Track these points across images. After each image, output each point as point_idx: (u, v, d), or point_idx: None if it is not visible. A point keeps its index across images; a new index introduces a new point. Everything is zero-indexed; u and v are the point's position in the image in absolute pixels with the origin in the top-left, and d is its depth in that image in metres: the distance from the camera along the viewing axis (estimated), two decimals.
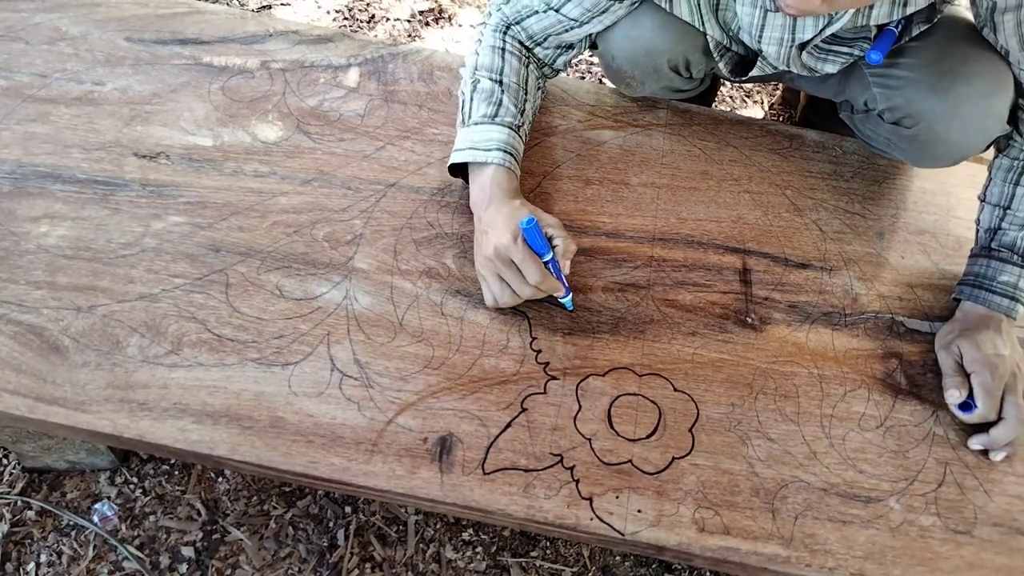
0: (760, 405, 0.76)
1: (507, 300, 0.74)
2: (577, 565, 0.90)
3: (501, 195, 0.77)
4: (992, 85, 0.76)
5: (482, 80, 0.82)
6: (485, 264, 0.75)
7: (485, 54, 0.84)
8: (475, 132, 0.80)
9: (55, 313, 0.75)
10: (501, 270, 0.73)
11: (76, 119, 0.90)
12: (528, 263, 0.71)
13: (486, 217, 0.76)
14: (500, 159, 0.78)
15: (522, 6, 0.83)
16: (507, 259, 0.72)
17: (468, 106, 0.82)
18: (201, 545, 0.88)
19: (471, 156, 0.79)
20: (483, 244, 0.75)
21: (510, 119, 0.81)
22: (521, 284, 0.73)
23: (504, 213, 0.74)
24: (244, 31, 1.02)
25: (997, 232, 0.81)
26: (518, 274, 0.73)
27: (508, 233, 0.72)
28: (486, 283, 0.76)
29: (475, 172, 0.80)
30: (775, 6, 0.75)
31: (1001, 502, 0.72)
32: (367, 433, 0.71)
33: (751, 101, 1.44)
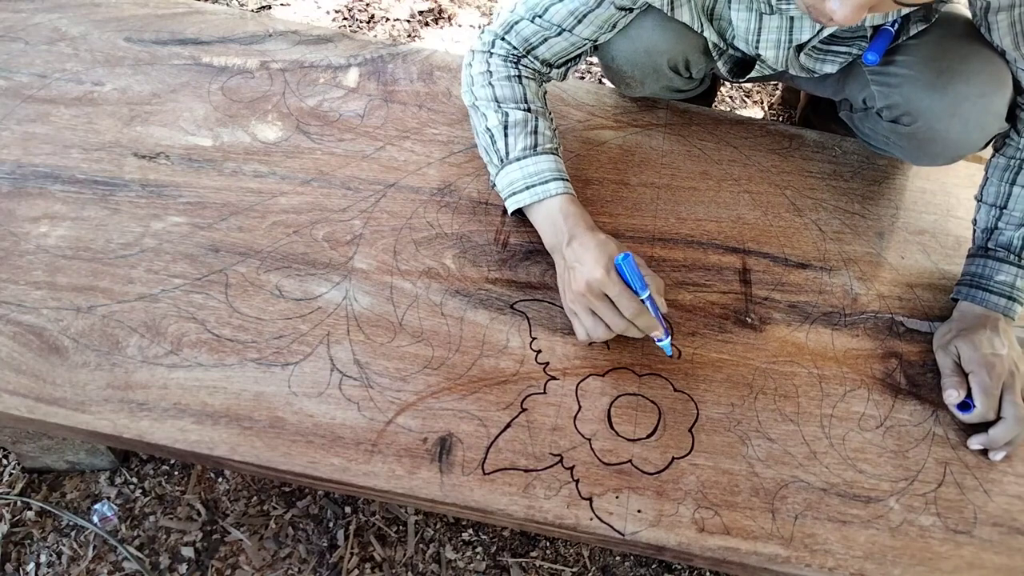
0: (760, 405, 0.76)
1: (601, 335, 0.72)
2: (577, 565, 0.90)
3: (580, 228, 0.75)
4: (991, 83, 0.76)
5: (511, 112, 0.80)
6: (577, 299, 0.72)
7: (502, 86, 0.82)
8: (523, 168, 0.78)
9: (55, 313, 0.75)
10: (594, 305, 0.71)
11: (76, 119, 0.90)
12: (623, 297, 0.69)
13: (570, 253, 0.74)
14: (562, 188, 0.77)
15: (530, 33, 0.82)
16: (600, 293, 0.70)
17: (504, 143, 0.79)
18: (201, 545, 0.88)
19: (533, 195, 0.77)
20: (572, 280, 0.73)
21: (550, 145, 0.80)
22: (616, 318, 0.70)
23: (591, 247, 0.72)
24: (244, 31, 1.02)
25: (994, 232, 0.81)
26: (612, 308, 0.70)
27: (600, 267, 0.70)
28: (577, 318, 0.74)
29: (537, 208, 0.78)
30: (782, 8, 0.75)
31: (1001, 502, 0.72)
32: (367, 433, 0.71)
33: (751, 101, 1.44)
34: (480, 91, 0.83)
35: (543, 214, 0.78)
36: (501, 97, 0.81)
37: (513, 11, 0.82)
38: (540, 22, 0.81)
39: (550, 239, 0.78)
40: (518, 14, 0.82)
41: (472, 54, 0.86)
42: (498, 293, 0.81)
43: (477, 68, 0.84)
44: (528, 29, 0.82)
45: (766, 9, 0.76)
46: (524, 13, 0.81)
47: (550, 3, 0.79)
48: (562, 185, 0.77)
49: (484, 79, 0.83)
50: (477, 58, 0.85)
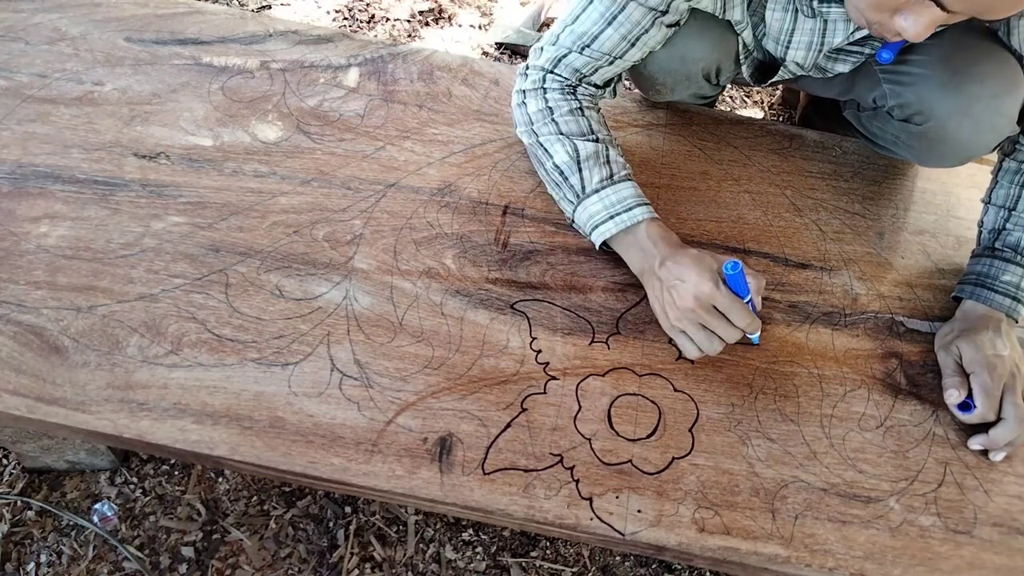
0: (760, 405, 0.76)
1: (716, 348, 0.71)
2: (577, 565, 0.90)
3: (671, 248, 0.74)
4: (1004, 85, 0.76)
5: (581, 145, 0.78)
6: (684, 316, 0.71)
7: (566, 121, 0.80)
8: (603, 199, 0.76)
9: (55, 313, 0.75)
10: (705, 319, 0.69)
11: (76, 119, 0.90)
12: (735, 307, 0.68)
13: (665, 273, 0.72)
14: (647, 213, 0.76)
15: (581, 65, 0.80)
16: (710, 307, 0.69)
17: (578, 177, 0.78)
18: (201, 545, 0.88)
19: (619, 224, 0.76)
20: (677, 297, 0.71)
21: (625, 172, 0.79)
22: (729, 330, 0.69)
23: (688, 263, 0.71)
24: (244, 31, 1.02)
25: (1001, 232, 0.81)
26: (724, 320, 0.69)
27: (707, 281, 0.68)
28: (685, 336, 0.72)
29: (624, 237, 0.77)
30: (823, 12, 0.74)
31: (1001, 502, 0.72)
32: (367, 433, 0.71)
33: (751, 101, 1.44)
34: (542, 128, 0.80)
35: (629, 241, 0.77)
36: (567, 132, 0.79)
37: (556, 44, 0.80)
38: (589, 52, 0.78)
39: (639, 264, 0.77)
40: (563, 47, 0.79)
41: (522, 94, 0.83)
42: (498, 293, 0.81)
43: (534, 106, 0.82)
44: (578, 61, 0.79)
45: (806, 12, 0.76)
46: (571, 45, 0.79)
47: (597, 31, 0.77)
48: (647, 210, 0.76)
49: (544, 116, 0.80)
50: (531, 96, 0.82)
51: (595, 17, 0.76)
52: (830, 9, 0.74)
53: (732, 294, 0.69)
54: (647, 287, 0.76)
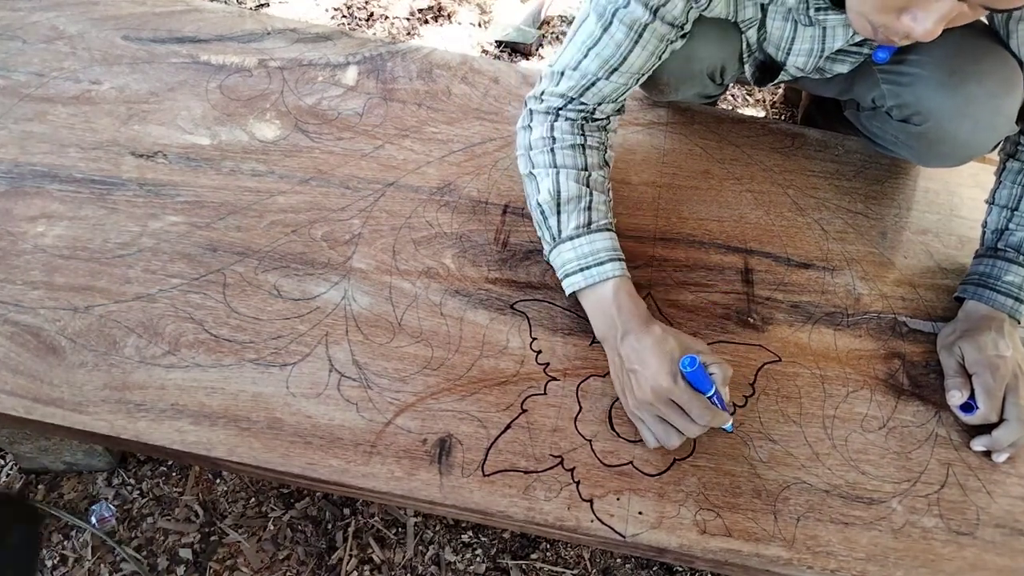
0: (762, 406, 0.76)
1: (674, 443, 0.68)
2: (578, 568, 0.90)
3: (635, 322, 0.70)
4: (1003, 85, 0.75)
5: (565, 185, 0.74)
6: (641, 407, 0.68)
7: (564, 154, 0.76)
8: (576, 248, 0.73)
9: (52, 313, 0.75)
10: (664, 413, 0.66)
11: (73, 118, 0.90)
12: (695, 404, 0.65)
13: (627, 352, 0.69)
14: (618, 270, 0.72)
15: (611, 91, 0.76)
16: (668, 400, 0.66)
17: (555, 219, 0.75)
18: (199, 547, 0.88)
19: (587, 278, 0.72)
20: (635, 386, 0.68)
21: (604, 221, 0.75)
22: (688, 424, 0.66)
23: (650, 347, 0.67)
24: (242, 29, 1.01)
25: (1004, 233, 0.80)
26: (683, 415, 0.66)
27: (665, 374, 0.65)
28: (644, 425, 0.69)
29: (590, 294, 0.73)
30: (821, 20, 0.74)
31: (1004, 503, 0.72)
32: (366, 434, 0.70)
33: (753, 100, 1.44)
34: (539, 157, 0.77)
35: (595, 300, 0.73)
36: (561, 163, 0.76)
37: (579, 70, 0.75)
38: (617, 76, 0.75)
39: (602, 330, 0.73)
40: (590, 74, 0.75)
41: (531, 115, 0.80)
42: (498, 293, 0.81)
43: (538, 132, 0.78)
44: (608, 87, 0.76)
45: (804, 21, 0.75)
46: (597, 71, 0.75)
47: (625, 52, 0.73)
48: (618, 267, 0.72)
49: (545, 144, 0.77)
50: (538, 120, 0.79)
51: (619, 38, 0.72)
52: (827, 17, 0.73)
53: (691, 389, 0.65)
54: (609, 358, 0.73)
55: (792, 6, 0.73)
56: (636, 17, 0.71)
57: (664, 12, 0.71)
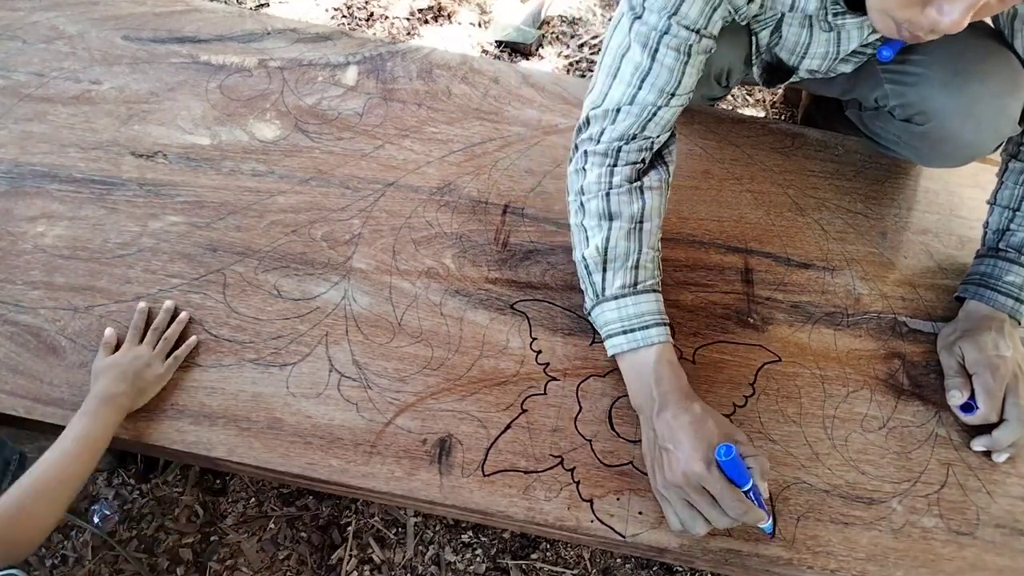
0: (762, 406, 0.76)
1: (700, 530, 0.63)
2: (578, 568, 0.90)
3: (674, 397, 0.66)
4: (1006, 85, 0.75)
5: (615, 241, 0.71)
6: (670, 488, 0.64)
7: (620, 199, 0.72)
8: (621, 309, 0.70)
9: (52, 313, 0.75)
10: (693, 499, 0.62)
11: (73, 118, 0.90)
12: (728, 496, 0.60)
13: (662, 428, 0.65)
14: (662, 336, 0.69)
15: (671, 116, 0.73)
16: (699, 487, 0.61)
17: (600, 277, 0.72)
18: (199, 547, 0.88)
19: (631, 342, 0.69)
20: (666, 465, 0.64)
21: (651, 281, 0.72)
22: (719, 516, 0.61)
23: (686, 426, 0.63)
24: (242, 29, 1.01)
25: (1006, 233, 0.80)
26: (714, 504, 0.61)
27: (700, 459, 0.60)
28: (670, 507, 0.64)
29: (632, 357, 0.70)
30: (840, 24, 0.73)
31: (1004, 503, 0.72)
32: (366, 434, 0.70)
33: (753, 100, 1.44)
34: (592, 204, 0.73)
35: (634, 365, 0.70)
36: (616, 211, 0.72)
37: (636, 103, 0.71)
38: (676, 100, 0.72)
39: (638, 398, 0.69)
40: (650, 104, 0.71)
41: (585, 157, 0.75)
42: (498, 293, 0.81)
43: (593, 175, 0.74)
44: (669, 113, 0.72)
45: (823, 27, 0.75)
46: (657, 100, 0.71)
47: (679, 76, 0.70)
48: (663, 332, 0.69)
49: (600, 188, 0.73)
50: (595, 162, 0.74)
51: (670, 63, 0.69)
52: (845, 21, 0.73)
53: (725, 479, 0.60)
54: (642, 428, 0.69)
55: (812, 12, 0.72)
56: (682, 40, 0.68)
57: (707, 31, 0.70)
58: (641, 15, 0.68)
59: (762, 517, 0.62)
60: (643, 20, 0.68)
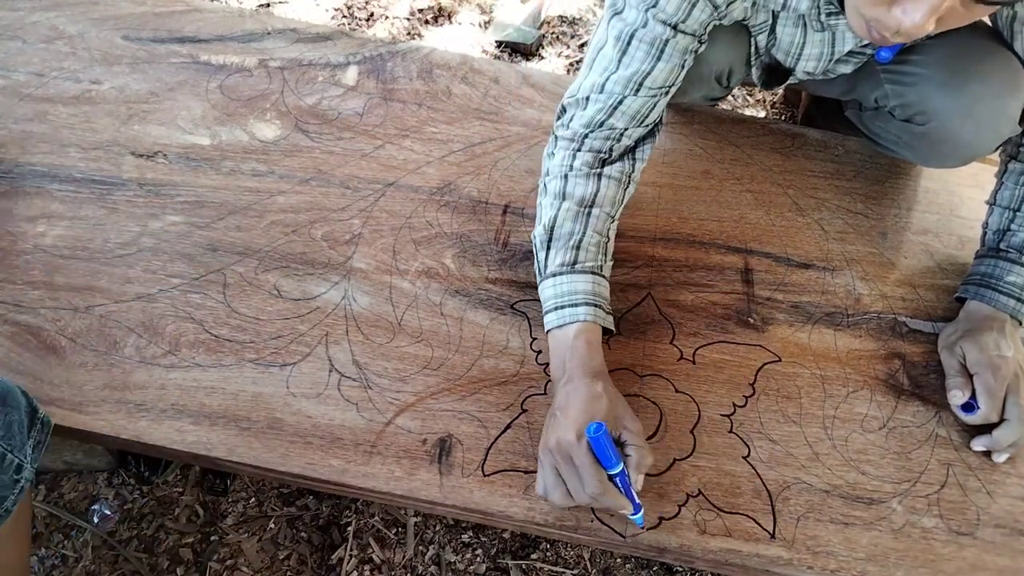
0: (762, 406, 0.76)
1: (558, 499, 0.63)
2: (578, 568, 0.90)
3: (580, 371, 0.67)
4: (1006, 85, 0.75)
5: (561, 220, 0.73)
6: (545, 452, 0.65)
7: (578, 181, 0.74)
8: (557, 286, 0.71)
9: (52, 313, 0.75)
10: (560, 467, 0.63)
11: (73, 118, 0.90)
12: (588, 471, 0.61)
13: (560, 396, 0.66)
14: (589, 314, 0.70)
15: (639, 106, 0.74)
16: (568, 456, 0.62)
17: (545, 253, 0.73)
18: (199, 547, 0.88)
19: (560, 318, 0.70)
20: (549, 428, 0.65)
21: (591, 264, 0.73)
22: (578, 489, 0.62)
23: (579, 399, 0.64)
24: (242, 29, 1.01)
25: (1006, 233, 0.80)
26: (576, 477, 0.62)
27: (574, 429, 0.62)
28: (543, 470, 0.65)
29: (557, 333, 0.71)
30: (833, 25, 0.73)
31: (1004, 503, 0.72)
32: (366, 434, 0.70)
33: (753, 100, 1.44)
34: (552, 184, 0.76)
35: (557, 340, 0.71)
36: (569, 193, 0.74)
37: (604, 91, 0.73)
38: (644, 92, 0.73)
39: (554, 370, 0.70)
40: (616, 93, 0.73)
41: (555, 141, 0.78)
42: (498, 293, 0.81)
43: (558, 158, 0.77)
44: (636, 103, 0.74)
45: (816, 26, 0.75)
46: (624, 90, 0.73)
47: (648, 68, 0.72)
48: (589, 311, 0.70)
49: (561, 171, 0.76)
50: (562, 146, 0.77)
51: (640, 56, 0.71)
52: (838, 22, 0.73)
53: (591, 455, 0.61)
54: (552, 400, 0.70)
55: (804, 12, 0.73)
56: (656, 35, 0.70)
57: (685, 26, 0.70)
58: (621, 11, 0.71)
59: (623, 505, 0.62)
60: (622, 16, 0.71)
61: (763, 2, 0.74)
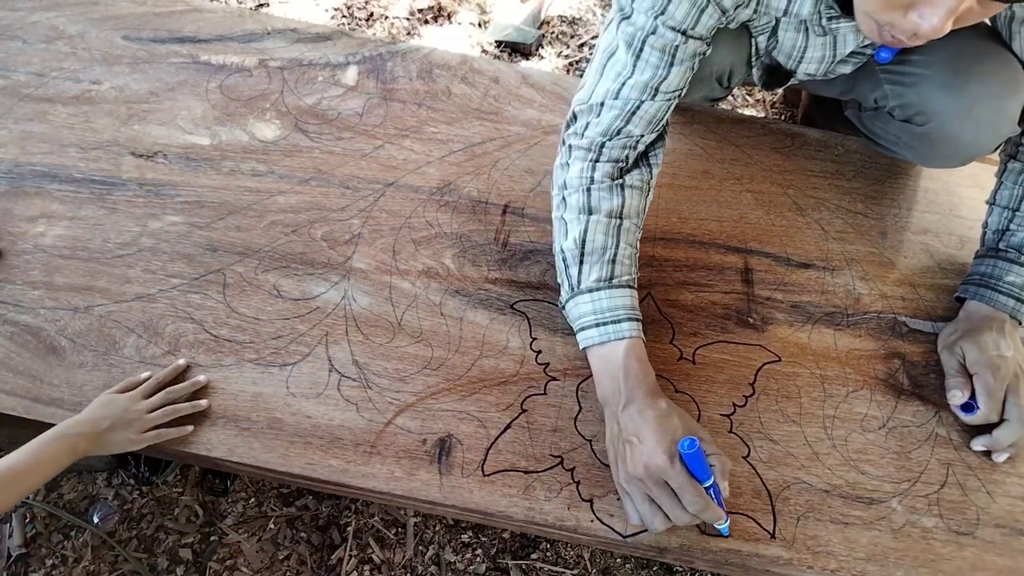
0: (762, 406, 0.76)
1: (658, 526, 0.62)
2: (578, 568, 0.90)
3: (641, 392, 0.66)
4: (1005, 85, 0.75)
5: (591, 235, 0.72)
6: (632, 481, 0.63)
7: (600, 194, 0.73)
8: (595, 302, 0.70)
9: (52, 313, 0.75)
10: (653, 492, 0.62)
11: (73, 118, 0.90)
12: (688, 491, 0.60)
13: (627, 422, 0.65)
14: (633, 331, 0.69)
15: (656, 110, 0.73)
16: (661, 481, 0.61)
17: (576, 269, 0.72)
18: (199, 547, 0.88)
19: (602, 335, 0.69)
20: (628, 458, 0.64)
21: (627, 277, 0.72)
22: (679, 512, 0.61)
23: (651, 421, 0.63)
24: (242, 29, 1.01)
25: (1005, 233, 0.80)
26: (674, 499, 0.61)
27: (662, 452, 0.61)
28: (630, 500, 0.64)
29: (601, 351, 0.70)
30: (835, 29, 0.73)
31: (1003, 503, 0.72)
32: (366, 434, 0.70)
33: (752, 100, 1.44)
34: (573, 198, 0.74)
35: (604, 358, 0.69)
36: (595, 206, 0.73)
37: (620, 98, 0.73)
38: (661, 96, 0.73)
39: (605, 393, 0.69)
40: (633, 99, 0.72)
41: (570, 151, 0.76)
42: (498, 293, 0.81)
43: (576, 169, 0.75)
44: (652, 107, 0.73)
45: (817, 31, 0.75)
46: (640, 96, 0.72)
47: (663, 74, 0.71)
48: (634, 327, 0.69)
49: (582, 183, 0.74)
50: (578, 156, 0.75)
51: (655, 62, 0.71)
52: (839, 25, 0.73)
53: (687, 474, 0.61)
54: (607, 422, 0.69)
55: (806, 17, 0.73)
56: (668, 41, 0.69)
57: (694, 32, 0.70)
58: (630, 16, 0.70)
59: (720, 516, 0.62)
60: (631, 20, 0.70)
61: (765, 8, 0.74)
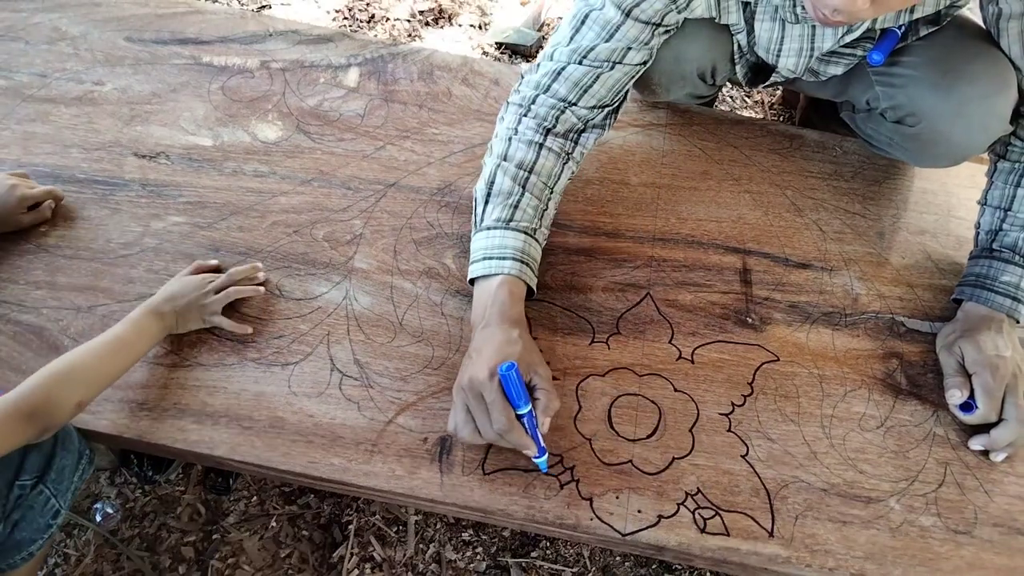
0: (760, 405, 0.76)
1: (466, 436, 0.65)
2: (577, 565, 0.90)
3: (499, 318, 0.69)
4: (995, 85, 0.76)
5: (500, 179, 0.75)
6: (459, 391, 0.66)
7: (518, 147, 0.76)
8: (489, 238, 0.73)
9: (55, 313, 0.75)
10: (471, 403, 0.64)
11: (76, 119, 0.90)
12: (497, 408, 0.62)
13: (477, 338, 0.68)
14: (515, 269, 0.71)
15: (581, 76, 0.76)
16: (478, 394, 0.64)
17: (482, 208, 0.75)
18: (201, 545, 0.88)
19: (485, 268, 0.72)
20: (464, 367, 0.67)
21: (525, 224, 0.74)
22: (485, 426, 0.64)
23: (495, 341, 0.66)
24: (244, 31, 1.02)
25: (998, 233, 0.81)
26: (486, 414, 0.64)
27: (487, 368, 0.63)
28: (454, 408, 0.67)
29: (482, 283, 0.73)
30: (807, 17, 0.74)
31: (1001, 502, 0.72)
32: (367, 433, 0.71)
33: (751, 101, 1.44)
34: (497, 145, 0.78)
35: (481, 290, 0.72)
36: (510, 156, 0.76)
37: (553, 59, 0.77)
38: (587, 63, 0.76)
39: (474, 318, 0.72)
40: (562, 60, 0.77)
41: (506, 106, 0.81)
42: None
43: (506, 122, 0.80)
44: (577, 72, 0.76)
45: (791, 19, 0.76)
46: (568, 59, 0.76)
47: (592, 43, 0.75)
48: (515, 267, 0.71)
49: (506, 133, 0.78)
50: (511, 111, 0.80)
51: (591, 36, 0.75)
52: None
53: (500, 393, 0.63)
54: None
55: (778, 2, 0.74)
56: (608, 18, 0.74)
57: (638, 12, 0.73)
58: None
59: (527, 444, 0.65)
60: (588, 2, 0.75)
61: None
